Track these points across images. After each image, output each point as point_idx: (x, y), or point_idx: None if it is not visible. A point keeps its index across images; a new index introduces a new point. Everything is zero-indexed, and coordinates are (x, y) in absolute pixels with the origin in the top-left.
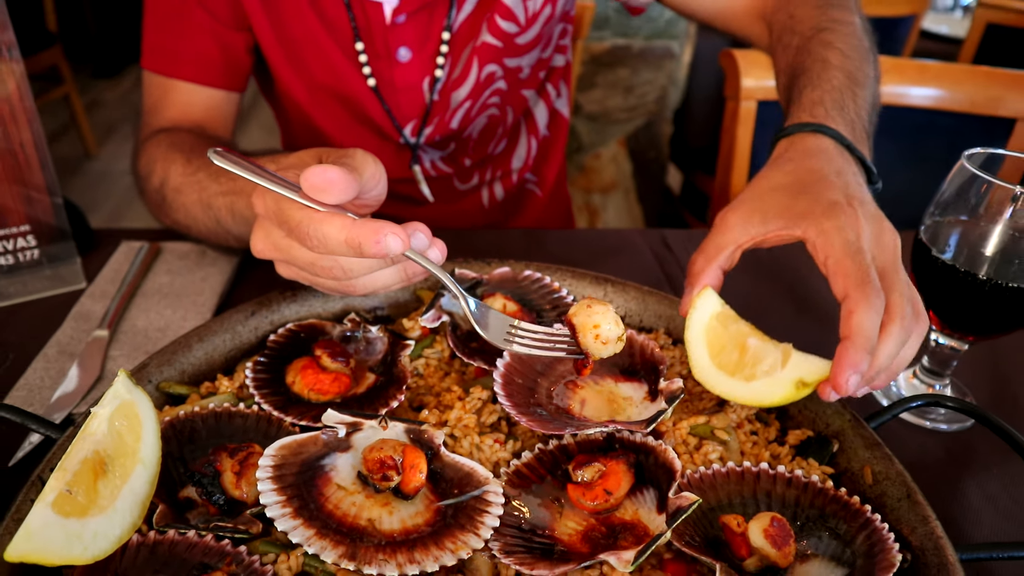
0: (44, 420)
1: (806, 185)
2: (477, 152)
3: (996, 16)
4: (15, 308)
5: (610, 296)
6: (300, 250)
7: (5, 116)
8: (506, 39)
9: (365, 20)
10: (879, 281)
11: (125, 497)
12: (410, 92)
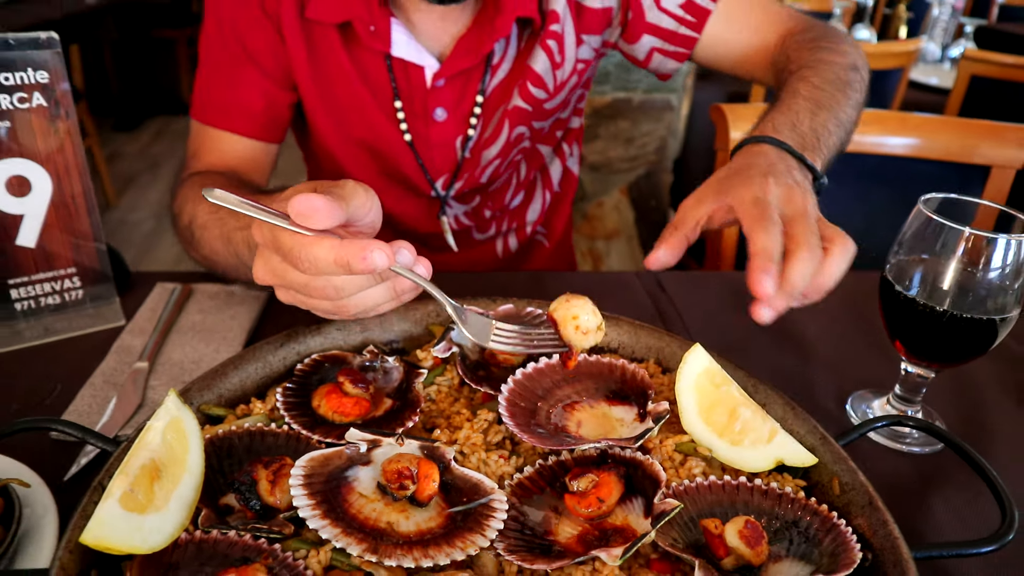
0: (101, 435)
1: (737, 171)
2: (497, 205)
3: (979, 68)
4: (61, 343)
5: (605, 329)
6: (295, 273)
7: (60, 170)
8: (535, 104)
9: (407, 83)
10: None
11: (175, 500)
12: (443, 149)
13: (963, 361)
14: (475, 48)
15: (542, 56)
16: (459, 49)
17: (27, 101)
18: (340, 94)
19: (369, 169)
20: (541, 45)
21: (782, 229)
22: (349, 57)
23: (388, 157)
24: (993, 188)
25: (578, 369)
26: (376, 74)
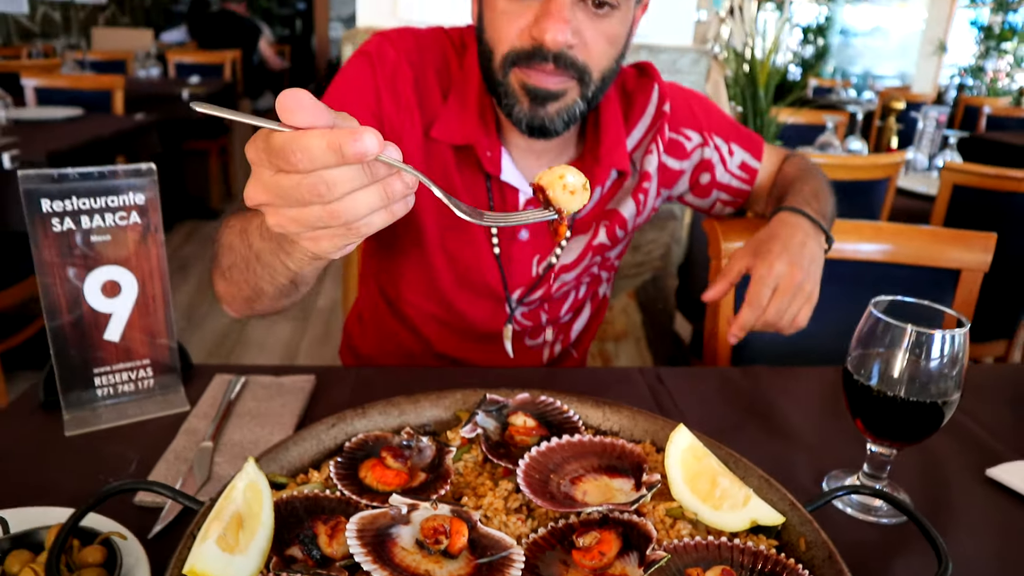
0: (189, 496)
1: (769, 239)
2: (553, 316)
3: (959, 178)
4: (134, 425)
5: (608, 415)
6: (285, 179)
7: (145, 275)
8: (615, 241)
9: (502, 202)
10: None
11: (253, 547)
12: (522, 265)
13: (917, 440)
14: None
15: (631, 204)
16: None
17: (126, 219)
18: (447, 209)
19: (450, 273)
20: (632, 197)
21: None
22: (460, 175)
23: (474, 267)
24: (964, 289)
25: (583, 448)
26: (478, 192)
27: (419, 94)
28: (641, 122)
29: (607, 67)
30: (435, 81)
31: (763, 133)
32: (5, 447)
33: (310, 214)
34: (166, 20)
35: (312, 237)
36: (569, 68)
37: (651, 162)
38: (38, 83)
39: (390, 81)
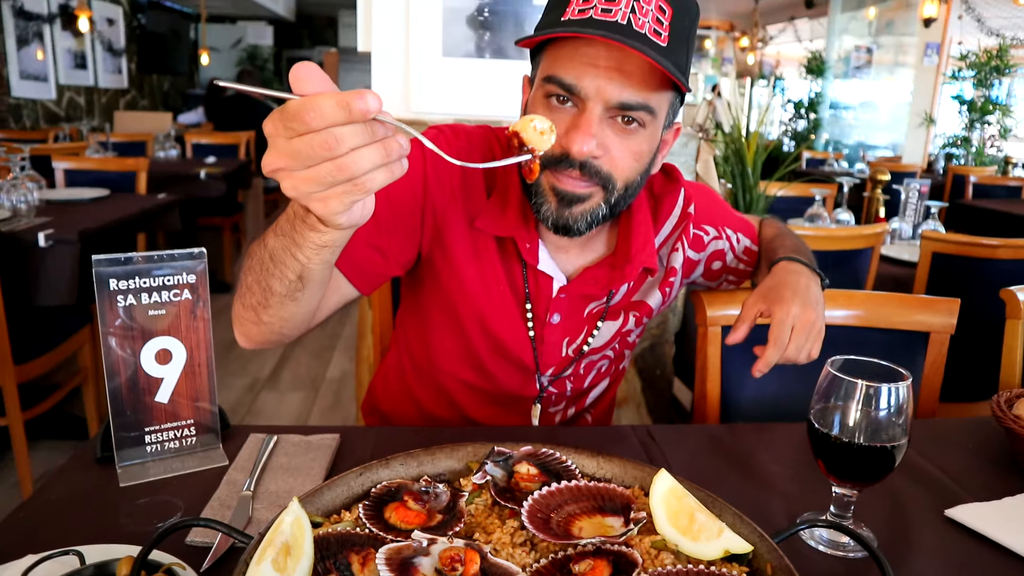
0: (240, 531)
1: (778, 285)
2: (577, 386)
3: (938, 246)
4: (180, 478)
5: (601, 464)
6: (299, 140)
7: (192, 345)
8: (639, 324)
9: (536, 288)
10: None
11: (299, 571)
12: (552, 347)
13: (874, 480)
14: (600, 282)
15: (657, 296)
16: (586, 276)
17: (179, 296)
18: (488, 291)
19: (488, 346)
20: (659, 289)
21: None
22: (502, 262)
23: (509, 345)
24: (933, 350)
25: (579, 492)
26: (517, 279)
27: (465, 189)
28: (668, 222)
29: (631, 178)
30: (482, 179)
31: (753, 207)
32: (68, 495)
33: (321, 170)
34: (183, 102)
35: (322, 197)
36: (594, 176)
37: (677, 259)
38: (68, 165)
39: (439, 171)
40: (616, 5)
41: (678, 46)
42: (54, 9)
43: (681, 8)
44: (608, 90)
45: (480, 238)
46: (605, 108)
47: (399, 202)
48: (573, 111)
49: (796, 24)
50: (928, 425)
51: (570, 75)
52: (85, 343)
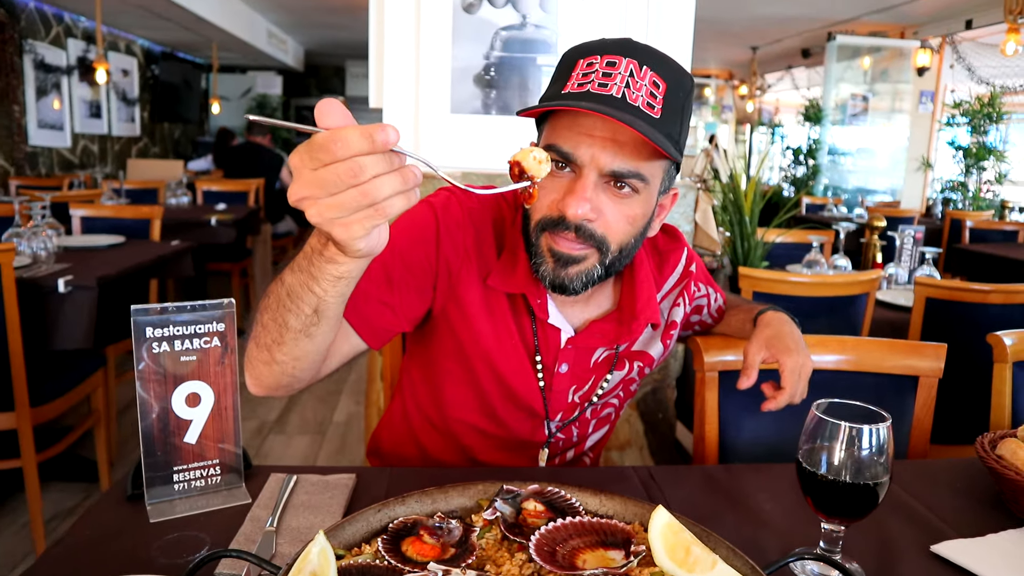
0: (269, 562)
1: (777, 336)
2: (582, 432)
3: (931, 292)
4: (206, 515)
5: (604, 502)
6: (325, 171)
7: (220, 389)
8: (640, 373)
9: (545, 341)
10: (799, 377)
11: None
12: (560, 394)
13: (860, 516)
14: (607, 336)
15: (659, 346)
16: (593, 330)
17: (209, 343)
18: (501, 343)
19: (500, 394)
20: (661, 341)
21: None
22: (513, 317)
23: (521, 394)
24: (922, 393)
25: (583, 527)
26: (527, 331)
27: (478, 248)
28: (671, 278)
29: (625, 241)
30: (492, 239)
31: (751, 254)
32: (102, 531)
33: (345, 197)
34: (193, 149)
35: (345, 222)
36: (589, 238)
37: (677, 313)
38: (84, 213)
39: (451, 232)
40: (612, 80)
41: (671, 118)
42: (72, 62)
43: (675, 83)
44: (602, 158)
45: (492, 294)
46: (599, 175)
47: (412, 262)
48: (571, 176)
49: (793, 73)
50: (916, 466)
51: (568, 144)
52: (99, 386)
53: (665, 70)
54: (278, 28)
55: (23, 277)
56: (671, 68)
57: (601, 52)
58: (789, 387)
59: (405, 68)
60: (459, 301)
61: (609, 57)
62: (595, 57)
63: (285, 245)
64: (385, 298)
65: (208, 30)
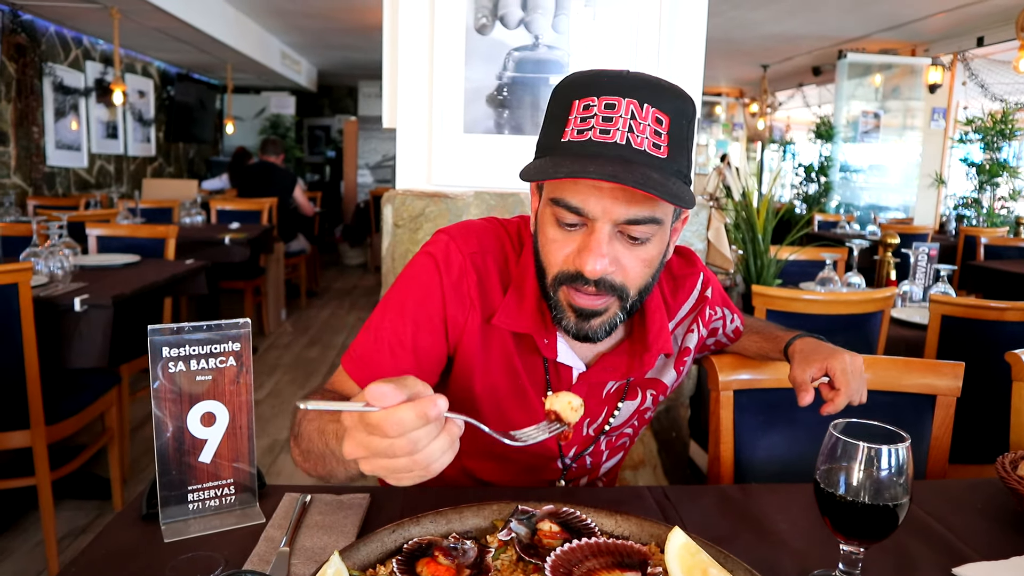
0: None
1: (815, 351)
2: (595, 461)
3: (946, 309)
4: (220, 534)
5: (619, 523)
6: (378, 441)
7: (235, 408)
8: (655, 402)
9: (556, 377)
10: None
11: None
12: (575, 429)
13: (879, 538)
14: (619, 369)
15: (672, 374)
16: (605, 363)
17: (224, 363)
18: (506, 383)
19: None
20: (675, 368)
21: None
22: (520, 357)
23: None
24: (940, 412)
25: (599, 548)
26: (537, 371)
27: (482, 292)
28: (686, 304)
29: (643, 284)
30: (497, 279)
31: (764, 272)
32: (117, 550)
33: (398, 463)
34: (207, 169)
35: (397, 479)
36: (609, 290)
37: (691, 339)
38: (100, 232)
39: (455, 284)
40: (614, 125)
41: (678, 152)
42: (90, 84)
43: (677, 112)
44: (615, 210)
45: (496, 334)
46: (613, 225)
47: (423, 322)
48: (583, 230)
49: (804, 90)
50: (936, 486)
51: (576, 199)
52: (113, 404)
53: (666, 103)
54: (292, 49)
55: (40, 296)
56: (671, 97)
57: (598, 93)
58: (844, 386)
59: (418, 88)
60: (464, 346)
61: (607, 99)
62: (591, 99)
63: (297, 263)
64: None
65: (223, 51)
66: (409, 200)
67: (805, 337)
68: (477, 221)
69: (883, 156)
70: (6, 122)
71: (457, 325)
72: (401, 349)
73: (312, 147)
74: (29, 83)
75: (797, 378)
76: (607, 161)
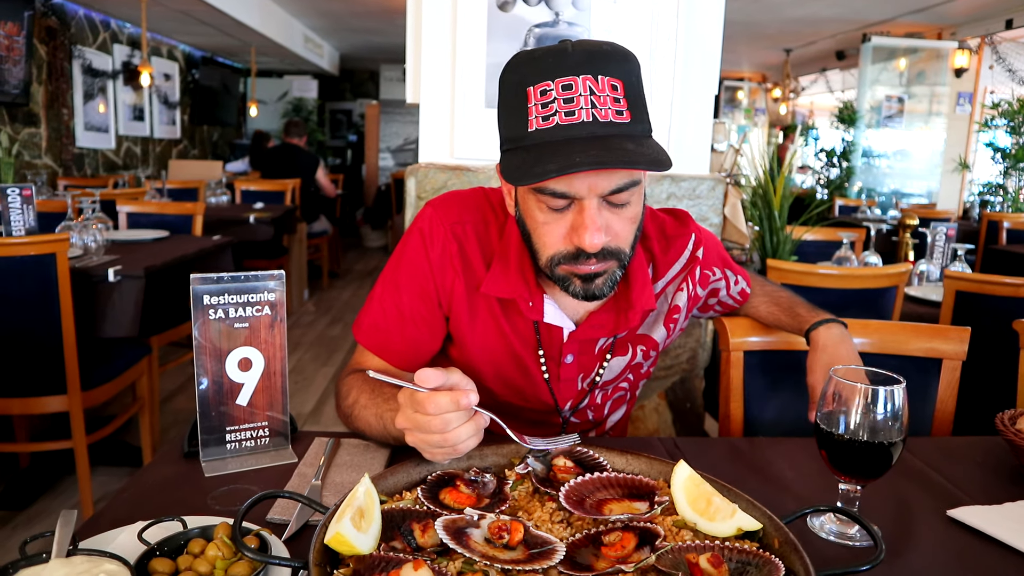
0: (319, 503)
1: (832, 360)
2: (597, 415)
3: (961, 285)
4: (255, 471)
5: (630, 461)
6: (422, 417)
7: (270, 356)
8: (647, 357)
9: (548, 338)
10: None
11: (371, 531)
12: (569, 383)
13: (875, 476)
14: (606, 326)
15: (662, 330)
16: (592, 322)
17: (260, 311)
18: (497, 346)
19: (507, 394)
20: (664, 324)
21: None
22: (507, 322)
23: (527, 388)
24: (946, 375)
25: (610, 481)
26: (527, 334)
27: (463, 259)
28: (677, 264)
29: (634, 238)
30: (476, 246)
31: (779, 250)
32: (161, 481)
33: (433, 439)
34: (230, 151)
35: (431, 453)
36: (607, 256)
37: (681, 297)
38: (130, 209)
39: (439, 255)
40: (576, 105)
41: (638, 111)
42: (118, 67)
43: (627, 73)
44: (599, 185)
45: (484, 301)
46: (599, 199)
47: (422, 296)
48: (571, 209)
49: (827, 75)
50: (937, 442)
51: (560, 185)
52: (143, 374)
53: (615, 68)
54: (314, 33)
55: (75, 267)
56: (619, 61)
57: (551, 76)
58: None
59: (442, 64)
60: (454, 312)
61: (562, 80)
62: (547, 84)
63: (320, 244)
64: (425, 341)
65: (247, 35)
66: (432, 173)
67: (831, 328)
68: (463, 191)
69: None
70: (37, 104)
71: (446, 292)
72: (402, 318)
73: (334, 131)
74: (59, 66)
75: (813, 390)
76: (582, 144)
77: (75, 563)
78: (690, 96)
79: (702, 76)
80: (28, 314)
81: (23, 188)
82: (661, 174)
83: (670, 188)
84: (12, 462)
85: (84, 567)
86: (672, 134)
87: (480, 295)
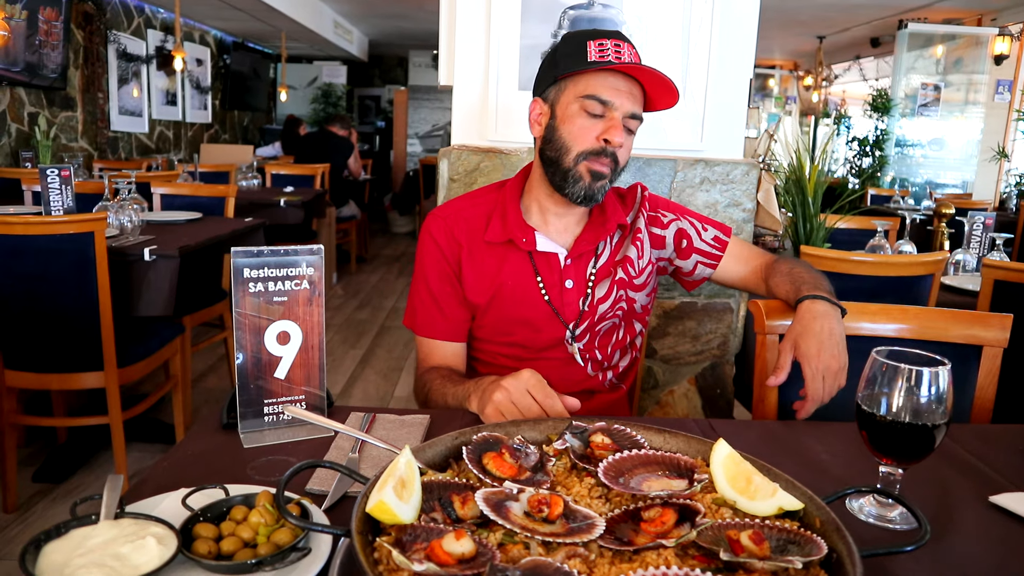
0: (360, 474)
1: (804, 334)
2: (604, 355)
3: (999, 274)
4: (292, 443)
5: (667, 440)
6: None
7: (307, 329)
8: (629, 277)
9: (546, 266)
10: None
11: (412, 501)
12: (571, 305)
13: (917, 459)
14: (590, 240)
15: (633, 249)
16: (579, 241)
17: (299, 285)
18: (504, 281)
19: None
20: (632, 242)
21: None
22: (507, 263)
23: (534, 315)
24: (987, 362)
25: (648, 459)
26: (524, 266)
27: (462, 231)
28: (634, 205)
29: (625, 162)
30: (482, 219)
31: (812, 237)
32: (202, 451)
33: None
34: (260, 136)
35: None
36: (613, 160)
37: (639, 221)
38: (164, 191)
39: (446, 243)
40: (622, 53)
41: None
42: (151, 52)
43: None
44: (626, 105)
45: (481, 253)
46: (624, 116)
47: (446, 277)
48: (603, 120)
49: (861, 63)
50: (978, 429)
51: (606, 94)
52: (177, 353)
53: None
54: (344, 18)
55: (112, 246)
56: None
57: (607, 37)
58: (811, 392)
59: (475, 46)
60: (466, 273)
61: (614, 41)
62: (604, 40)
63: (348, 229)
64: (460, 312)
65: (278, 20)
66: (465, 155)
67: (815, 303)
68: (461, 196)
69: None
70: (74, 88)
71: (455, 262)
72: (436, 302)
73: (362, 117)
74: (95, 50)
75: (780, 356)
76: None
77: (123, 525)
78: (725, 80)
79: (737, 60)
80: (66, 292)
81: (62, 169)
82: (695, 158)
83: (704, 172)
84: (51, 438)
85: (132, 529)
86: (707, 117)
87: (482, 254)
